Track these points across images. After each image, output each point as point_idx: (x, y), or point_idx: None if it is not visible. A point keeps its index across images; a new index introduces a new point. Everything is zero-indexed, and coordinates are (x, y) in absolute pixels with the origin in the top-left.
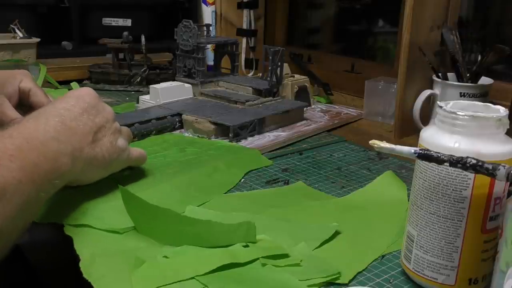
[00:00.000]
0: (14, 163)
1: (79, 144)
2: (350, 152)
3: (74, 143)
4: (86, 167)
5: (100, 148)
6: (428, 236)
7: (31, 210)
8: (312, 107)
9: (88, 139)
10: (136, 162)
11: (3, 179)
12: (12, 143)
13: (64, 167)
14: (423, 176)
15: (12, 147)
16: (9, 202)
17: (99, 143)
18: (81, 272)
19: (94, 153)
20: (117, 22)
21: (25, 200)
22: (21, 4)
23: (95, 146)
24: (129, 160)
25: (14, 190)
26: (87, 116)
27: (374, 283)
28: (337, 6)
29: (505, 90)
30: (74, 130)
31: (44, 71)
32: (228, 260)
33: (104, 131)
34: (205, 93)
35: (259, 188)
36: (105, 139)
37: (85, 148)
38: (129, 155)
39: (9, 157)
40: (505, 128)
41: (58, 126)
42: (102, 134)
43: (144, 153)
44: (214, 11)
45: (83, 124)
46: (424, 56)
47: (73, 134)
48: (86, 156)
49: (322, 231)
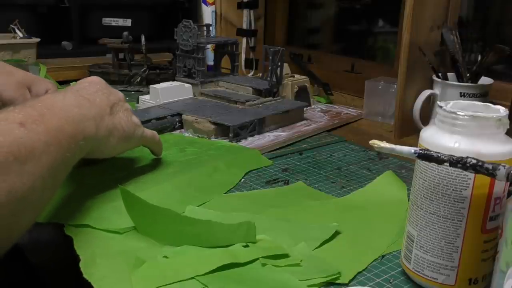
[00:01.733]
0: (39, 127)
1: (99, 113)
2: (350, 152)
3: (93, 111)
4: (108, 136)
5: (119, 120)
6: (428, 236)
7: (59, 173)
8: (312, 107)
9: (106, 111)
10: (150, 142)
11: (31, 141)
12: (34, 109)
13: (87, 130)
14: (423, 176)
15: (35, 113)
16: (39, 161)
17: (117, 116)
18: (81, 272)
19: (114, 123)
20: (117, 22)
21: (52, 161)
22: (21, 4)
23: (114, 118)
24: (143, 138)
25: (42, 151)
26: (101, 94)
27: (374, 283)
28: (337, 6)
29: (505, 90)
30: (92, 102)
31: (44, 71)
32: (228, 260)
33: (119, 107)
34: (205, 93)
35: (259, 188)
36: (121, 113)
37: (105, 117)
38: (143, 133)
39: (34, 121)
40: (505, 128)
41: (76, 97)
42: (117, 109)
43: (156, 134)
44: (214, 11)
45: (99, 99)
46: (424, 56)
47: (92, 105)
48: (107, 124)
49: (322, 231)
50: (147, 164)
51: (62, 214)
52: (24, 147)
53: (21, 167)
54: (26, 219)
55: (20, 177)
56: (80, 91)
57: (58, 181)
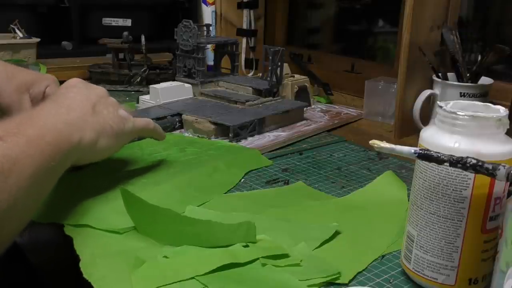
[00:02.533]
0: (20, 139)
1: (81, 116)
2: (350, 152)
3: (74, 116)
4: (97, 138)
5: (104, 118)
6: (428, 236)
7: (45, 182)
8: (312, 107)
9: (89, 111)
10: (144, 132)
11: (13, 153)
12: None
13: (73, 136)
14: (423, 176)
15: (13, 125)
16: (22, 173)
17: (102, 115)
18: (81, 272)
19: (99, 123)
20: (117, 22)
21: (36, 171)
22: (21, 4)
23: (98, 117)
24: (136, 129)
25: (24, 163)
26: (80, 96)
27: (374, 283)
28: (337, 6)
29: (505, 90)
30: (71, 106)
31: (44, 71)
32: (228, 260)
33: (102, 105)
34: (205, 93)
35: (259, 188)
36: (105, 111)
37: (88, 118)
38: (135, 124)
39: (13, 134)
40: (505, 128)
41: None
42: (101, 107)
43: (150, 121)
44: (214, 11)
45: (79, 101)
46: (424, 56)
47: (71, 110)
48: (92, 126)
49: (322, 231)
50: (147, 164)
51: (62, 214)
52: (6, 160)
53: (5, 181)
54: (12, 228)
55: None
56: (59, 98)
57: (45, 190)
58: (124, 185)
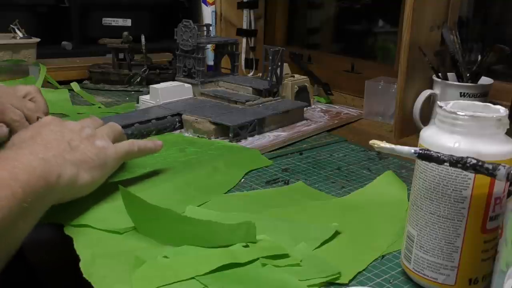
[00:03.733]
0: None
1: (58, 153)
2: (350, 152)
3: (49, 153)
4: (77, 172)
5: (82, 152)
6: (428, 236)
7: (19, 224)
8: (312, 107)
9: (66, 148)
10: (130, 155)
11: None
12: None
13: (50, 174)
14: (423, 176)
15: None
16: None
17: (79, 149)
18: (81, 272)
19: (78, 158)
20: (117, 22)
21: (7, 214)
22: (21, 4)
23: (76, 152)
24: (118, 155)
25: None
26: (55, 134)
27: (374, 283)
28: (337, 6)
29: (505, 90)
30: (45, 144)
31: (44, 71)
32: (228, 260)
33: (77, 141)
34: (205, 93)
35: (259, 188)
36: (82, 145)
37: (65, 154)
38: (117, 150)
39: None
40: (505, 128)
41: (30, 145)
42: (76, 143)
43: (132, 142)
44: (214, 11)
45: (53, 139)
46: (424, 56)
47: (46, 148)
48: (71, 162)
49: (322, 231)
50: (147, 164)
51: (62, 214)
52: None
53: None
54: None
55: None
56: (34, 138)
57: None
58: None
